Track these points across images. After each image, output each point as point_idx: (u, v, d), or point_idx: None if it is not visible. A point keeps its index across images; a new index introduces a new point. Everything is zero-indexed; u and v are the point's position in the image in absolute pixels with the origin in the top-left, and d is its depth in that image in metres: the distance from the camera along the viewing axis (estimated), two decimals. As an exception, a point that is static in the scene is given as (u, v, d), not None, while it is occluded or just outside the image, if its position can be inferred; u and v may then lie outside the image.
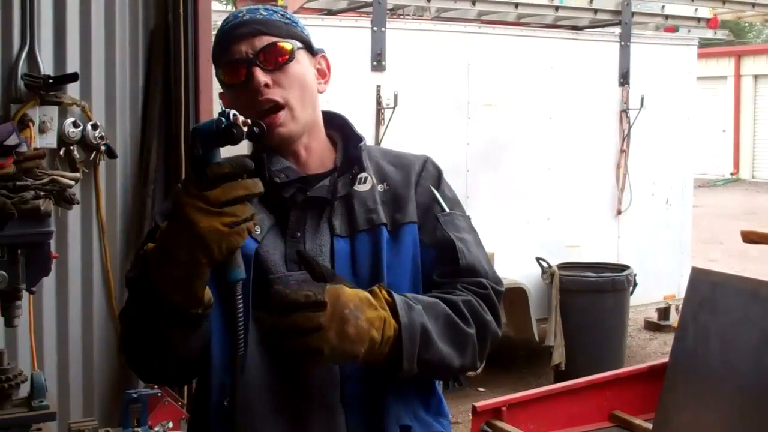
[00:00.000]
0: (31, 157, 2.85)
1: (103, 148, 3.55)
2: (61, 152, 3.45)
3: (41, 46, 3.40)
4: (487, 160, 6.85)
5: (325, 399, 1.63)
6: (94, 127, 3.51)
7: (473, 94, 6.81)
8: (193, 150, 1.44)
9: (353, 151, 1.79)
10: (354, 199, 1.73)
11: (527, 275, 6.86)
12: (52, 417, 2.63)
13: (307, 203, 1.72)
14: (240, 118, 1.44)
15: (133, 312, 1.59)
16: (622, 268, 7.01)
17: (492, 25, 7.42)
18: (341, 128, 1.85)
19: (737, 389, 3.09)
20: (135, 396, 3.24)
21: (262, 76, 1.67)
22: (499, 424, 3.23)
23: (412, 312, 1.58)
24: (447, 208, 1.80)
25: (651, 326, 8.54)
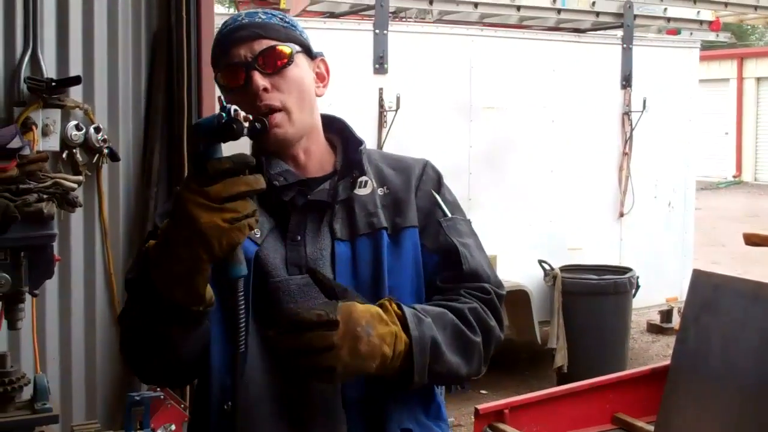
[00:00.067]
0: (34, 160, 2.85)
1: (105, 150, 3.56)
2: (64, 155, 3.46)
3: (44, 49, 3.41)
4: (489, 163, 6.84)
5: (327, 403, 1.63)
6: (97, 130, 3.52)
7: (475, 96, 6.80)
8: (195, 146, 1.44)
9: (353, 154, 1.79)
10: (355, 202, 1.73)
11: (530, 278, 6.85)
12: (54, 420, 2.63)
13: (308, 207, 1.72)
14: (241, 113, 1.44)
15: (133, 312, 1.58)
16: (625, 270, 7.00)
17: (494, 28, 7.41)
18: (340, 132, 1.85)
19: (738, 391, 3.09)
20: (138, 398, 3.24)
21: (261, 80, 1.67)
22: (502, 426, 3.22)
23: (422, 325, 1.58)
24: (449, 213, 1.79)
25: (653, 329, 8.52)
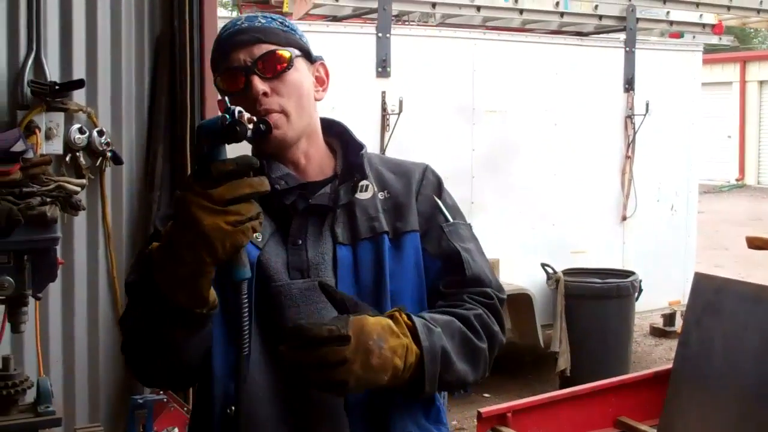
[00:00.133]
0: (37, 164, 2.85)
1: (108, 154, 3.56)
2: (67, 158, 3.46)
3: (47, 52, 3.41)
4: (492, 166, 6.85)
5: (329, 407, 1.62)
6: (100, 133, 3.52)
7: (478, 100, 6.81)
8: (199, 147, 1.43)
9: (354, 158, 1.79)
10: (356, 206, 1.73)
11: (532, 281, 6.85)
12: (57, 423, 2.63)
13: (309, 210, 1.72)
14: (246, 115, 1.44)
15: (135, 315, 1.57)
16: (628, 274, 6.99)
17: (497, 31, 7.42)
18: (340, 135, 1.85)
19: (741, 394, 3.08)
20: (141, 401, 3.25)
21: (261, 85, 1.67)
22: (505, 430, 3.22)
23: (432, 336, 1.58)
24: (450, 218, 1.80)
25: (656, 332, 8.51)
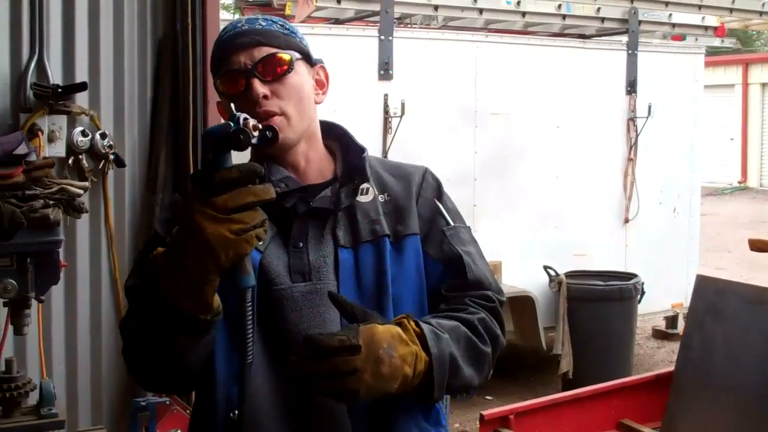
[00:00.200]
0: (40, 166, 2.85)
1: (111, 157, 3.56)
2: (70, 161, 3.46)
3: (50, 55, 3.41)
4: (494, 169, 6.85)
5: (332, 410, 1.62)
6: (103, 136, 3.52)
7: (480, 102, 6.82)
8: (204, 154, 1.43)
9: (355, 161, 1.79)
10: (357, 209, 1.73)
11: (535, 283, 6.85)
12: (60, 425, 2.63)
13: (309, 213, 1.71)
14: (251, 122, 1.43)
15: (137, 320, 1.56)
16: (630, 276, 6.99)
17: (499, 34, 7.43)
18: (340, 138, 1.85)
19: (743, 396, 3.09)
20: (143, 404, 3.26)
21: (261, 87, 1.67)
22: (507, 432, 3.23)
23: (440, 342, 1.59)
24: (451, 221, 1.80)
25: (659, 334, 8.51)
